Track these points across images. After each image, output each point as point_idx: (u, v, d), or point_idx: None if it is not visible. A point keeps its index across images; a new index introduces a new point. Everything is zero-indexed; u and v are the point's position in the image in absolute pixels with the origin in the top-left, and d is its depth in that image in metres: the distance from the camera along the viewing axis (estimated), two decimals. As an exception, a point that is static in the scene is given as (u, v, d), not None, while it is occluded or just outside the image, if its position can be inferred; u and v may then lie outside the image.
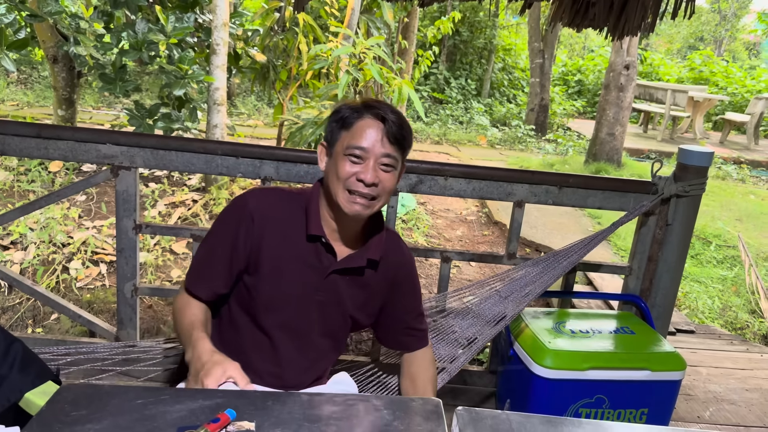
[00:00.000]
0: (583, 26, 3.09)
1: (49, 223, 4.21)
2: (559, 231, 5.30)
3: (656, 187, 2.23)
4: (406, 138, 1.43)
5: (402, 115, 1.44)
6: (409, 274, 1.64)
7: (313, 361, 1.58)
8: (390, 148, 1.40)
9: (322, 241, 1.47)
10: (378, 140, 1.38)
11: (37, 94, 9.22)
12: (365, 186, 1.38)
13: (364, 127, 1.39)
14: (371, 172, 1.37)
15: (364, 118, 1.40)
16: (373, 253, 1.51)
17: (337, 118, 1.44)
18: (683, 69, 15.56)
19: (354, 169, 1.38)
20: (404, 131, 1.42)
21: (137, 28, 4.21)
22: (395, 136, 1.40)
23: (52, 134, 2.12)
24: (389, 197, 1.47)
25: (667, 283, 2.33)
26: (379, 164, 1.39)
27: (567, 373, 1.97)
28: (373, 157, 1.38)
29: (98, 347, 2.11)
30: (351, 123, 1.41)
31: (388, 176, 1.41)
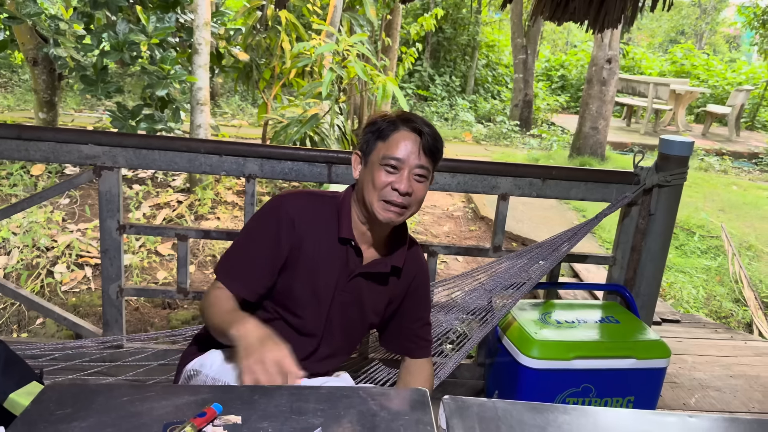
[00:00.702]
0: (564, 20, 3.12)
1: (32, 227, 4.17)
2: (545, 225, 5.33)
3: (638, 177, 2.25)
4: (440, 150, 1.50)
5: (435, 129, 1.50)
6: (423, 284, 1.71)
7: (326, 358, 1.61)
8: (425, 160, 1.46)
9: (352, 244, 1.52)
10: (414, 152, 1.44)
11: (18, 97, 9.12)
12: (399, 195, 1.43)
13: (401, 139, 1.45)
14: (406, 182, 1.43)
15: (400, 130, 1.46)
16: (398, 260, 1.58)
17: (373, 129, 1.50)
18: (665, 62, 15.69)
19: (389, 179, 1.44)
20: (438, 144, 1.48)
21: (118, 28, 4.17)
22: (430, 149, 1.46)
23: (32, 135, 2.10)
24: (419, 207, 1.52)
25: (651, 272, 2.35)
26: (414, 175, 1.45)
27: (553, 363, 1.99)
28: (408, 168, 1.44)
29: (84, 346, 2.10)
30: (388, 135, 1.47)
31: (421, 186, 1.47)
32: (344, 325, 1.59)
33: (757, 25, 12.37)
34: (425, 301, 1.73)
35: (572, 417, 1.11)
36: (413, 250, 1.66)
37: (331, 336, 1.59)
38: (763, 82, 13.07)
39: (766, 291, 4.76)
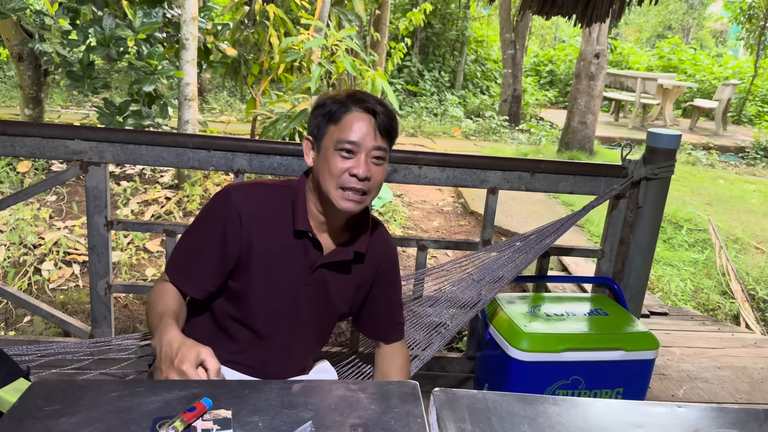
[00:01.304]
0: (552, 14, 3.12)
1: (19, 225, 4.13)
2: (533, 219, 5.35)
3: (626, 170, 2.26)
4: (395, 129, 1.42)
5: (390, 107, 1.42)
6: (392, 264, 1.63)
7: (299, 355, 1.58)
8: (381, 141, 1.38)
9: (309, 236, 1.45)
10: (370, 134, 1.36)
11: (3, 94, 9.03)
12: (358, 181, 1.35)
13: (354, 120, 1.36)
14: (364, 166, 1.35)
15: (352, 111, 1.37)
16: (360, 246, 1.50)
17: (323, 112, 1.40)
18: (652, 57, 15.77)
19: (346, 164, 1.36)
20: (394, 123, 1.41)
21: (104, 24, 4.14)
22: (386, 129, 1.38)
23: (18, 131, 2.08)
24: (379, 191, 1.44)
25: (639, 264, 2.37)
26: (371, 158, 1.37)
27: (543, 356, 2.00)
28: (365, 151, 1.36)
29: (72, 345, 2.08)
30: (339, 117, 1.37)
31: (379, 170, 1.40)
32: (313, 319, 1.53)
33: (744, 20, 12.46)
34: (396, 282, 1.66)
35: (562, 408, 1.12)
36: (378, 232, 1.58)
37: (300, 333, 1.53)
38: (749, 76, 13.17)
39: (753, 283, 4.81)
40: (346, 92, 1.42)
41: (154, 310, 1.35)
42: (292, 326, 1.51)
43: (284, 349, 1.53)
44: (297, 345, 1.55)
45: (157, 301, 1.38)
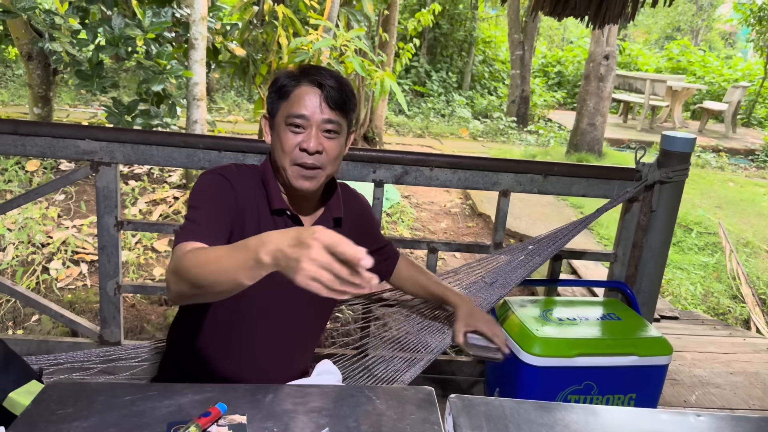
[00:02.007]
0: (565, 15, 3.10)
1: (27, 223, 4.14)
2: (543, 221, 5.33)
3: (640, 173, 2.24)
4: (348, 101, 1.39)
5: (342, 78, 1.40)
6: (369, 218, 1.69)
7: (298, 348, 1.57)
8: (330, 113, 1.36)
9: (288, 213, 1.44)
10: (317, 106, 1.35)
11: (12, 92, 9.05)
12: (309, 155, 1.35)
13: (302, 94, 1.36)
14: (314, 140, 1.34)
15: (301, 85, 1.36)
16: (336, 211, 1.52)
17: (275, 88, 1.40)
18: (661, 59, 15.70)
19: (297, 139, 1.35)
20: (345, 95, 1.38)
21: (114, 23, 4.14)
22: (335, 101, 1.36)
23: (29, 130, 2.07)
24: (337, 166, 1.43)
25: (652, 269, 2.34)
26: (322, 131, 1.36)
27: (555, 360, 1.98)
28: (315, 125, 1.35)
29: (81, 343, 2.08)
30: (289, 92, 1.37)
31: (333, 144, 1.38)
32: (309, 303, 1.44)
33: (753, 22, 12.38)
34: (375, 229, 1.73)
35: (580, 416, 1.10)
36: (346, 191, 1.60)
37: (298, 322, 1.51)
38: (759, 78, 13.08)
39: (764, 288, 4.77)
40: (299, 67, 1.41)
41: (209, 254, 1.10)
42: (288, 316, 1.48)
43: (283, 346, 1.51)
44: (295, 337, 1.53)
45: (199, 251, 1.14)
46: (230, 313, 1.45)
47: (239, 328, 1.47)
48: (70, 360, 1.91)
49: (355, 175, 2.19)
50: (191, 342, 1.50)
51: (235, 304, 1.42)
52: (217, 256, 1.05)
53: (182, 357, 1.52)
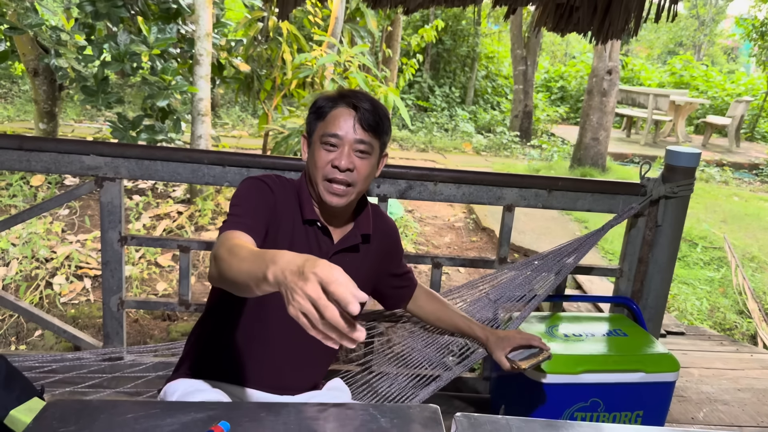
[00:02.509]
0: (567, 31, 3.10)
1: (31, 238, 4.14)
2: (547, 236, 5.31)
3: (645, 188, 2.23)
4: (381, 124, 1.46)
5: (377, 102, 1.48)
6: (396, 241, 1.73)
7: (314, 360, 1.58)
8: (363, 134, 1.43)
9: (318, 225, 1.50)
10: (351, 127, 1.43)
11: (18, 108, 9.11)
12: (340, 172, 1.41)
13: (337, 115, 1.44)
14: (346, 158, 1.41)
15: (337, 107, 1.45)
16: (365, 227, 1.57)
17: (314, 109, 1.49)
18: (664, 74, 15.74)
19: (329, 157, 1.43)
20: (378, 118, 1.45)
21: (119, 39, 4.17)
22: (368, 123, 1.43)
23: (34, 146, 2.08)
24: (367, 185, 1.50)
25: (658, 284, 2.32)
26: (354, 151, 1.43)
27: (561, 377, 1.96)
28: (348, 144, 1.43)
29: (84, 358, 2.06)
30: (326, 113, 1.46)
31: (364, 163, 1.44)
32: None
33: (756, 37, 12.41)
34: (400, 254, 1.77)
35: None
36: (376, 211, 1.67)
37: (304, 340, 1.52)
38: (762, 93, 13.10)
39: (770, 302, 4.74)
40: (338, 91, 1.50)
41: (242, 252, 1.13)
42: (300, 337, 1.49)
43: (299, 353, 1.52)
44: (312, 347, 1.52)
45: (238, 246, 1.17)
46: (252, 317, 1.49)
47: (260, 333, 1.50)
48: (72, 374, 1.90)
49: (359, 190, 2.18)
50: (211, 344, 1.54)
51: (258, 310, 1.48)
52: (243, 257, 1.10)
53: (200, 358, 1.55)
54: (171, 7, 4.79)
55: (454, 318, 1.87)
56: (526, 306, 2.09)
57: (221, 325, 1.52)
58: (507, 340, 1.75)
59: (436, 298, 1.90)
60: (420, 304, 1.87)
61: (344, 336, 0.88)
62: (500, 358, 1.73)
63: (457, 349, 2.19)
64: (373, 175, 1.52)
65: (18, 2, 3.84)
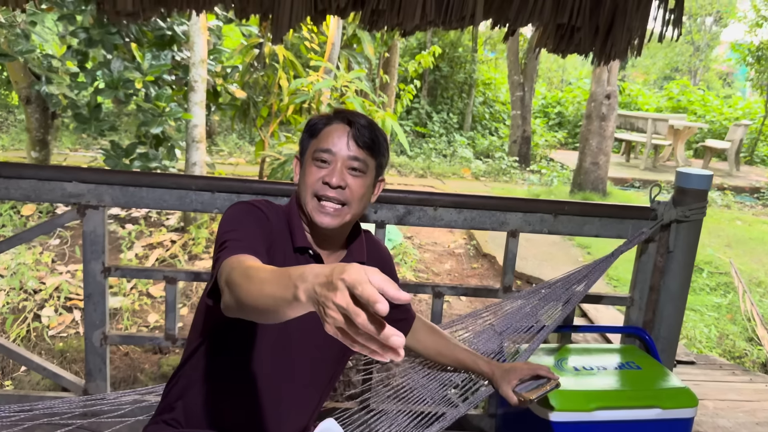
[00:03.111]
0: (569, 52, 3.02)
1: (19, 269, 4.02)
2: (549, 262, 5.20)
3: (655, 212, 2.13)
4: (377, 142, 1.38)
5: (373, 122, 1.41)
6: (391, 270, 1.63)
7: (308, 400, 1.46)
8: (357, 151, 1.36)
9: (310, 253, 1.41)
10: (344, 143, 1.35)
11: (12, 137, 9.06)
12: (331, 188, 1.33)
13: (331, 131, 1.37)
14: (338, 174, 1.33)
15: (331, 123, 1.39)
16: (359, 255, 1.48)
17: (307, 128, 1.43)
18: (661, 98, 15.78)
19: (320, 173, 1.35)
20: (374, 135, 1.38)
21: (113, 66, 4.11)
22: (363, 140, 1.36)
23: (12, 173, 1.97)
24: (362, 208, 1.40)
25: (671, 312, 2.21)
26: (347, 168, 1.36)
27: (573, 415, 1.83)
28: (340, 160, 1.35)
29: (61, 403, 1.93)
30: (319, 130, 1.39)
31: (357, 182, 1.36)
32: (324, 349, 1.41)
33: (752, 61, 12.46)
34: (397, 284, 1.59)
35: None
36: (370, 240, 1.57)
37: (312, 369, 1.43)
38: (760, 116, 13.11)
39: (781, 329, 4.60)
40: (333, 110, 1.44)
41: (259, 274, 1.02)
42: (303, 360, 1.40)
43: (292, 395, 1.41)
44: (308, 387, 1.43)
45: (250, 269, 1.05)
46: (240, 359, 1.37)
47: (244, 378, 1.37)
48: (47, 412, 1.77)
49: (356, 217, 2.08)
50: (193, 390, 1.41)
51: (247, 350, 1.36)
52: (263, 279, 0.98)
53: (181, 406, 1.42)
54: (165, 33, 4.75)
55: (457, 352, 1.75)
56: (535, 337, 1.97)
57: (205, 369, 1.40)
58: (513, 372, 1.64)
59: (436, 332, 1.78)
60: (419, 338, 1.75)
61: (385, 347, 0.76)
62: (507, 393, 1.62)
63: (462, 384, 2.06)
64: (368, 199, 1.43)
65: (9, 29, 3.78)
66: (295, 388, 1.41)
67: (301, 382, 1.43)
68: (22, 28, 3.83)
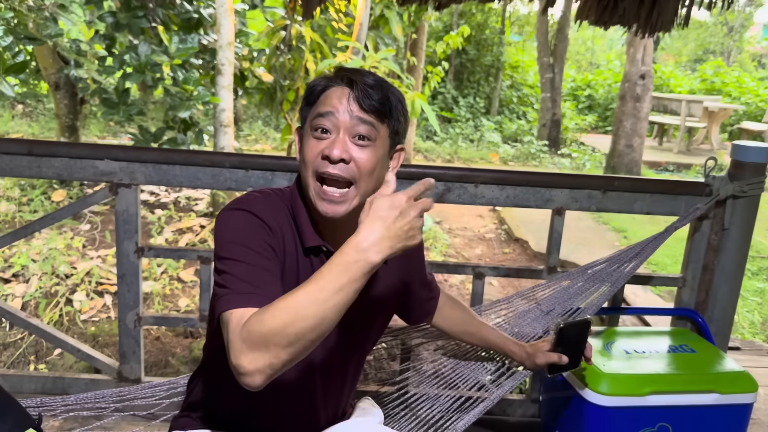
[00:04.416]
0: (611, 23, 2.90)
1: (51, 254, 4.03)
2: (584, 246, 5.07)
3: (710, 188, 2.01)
4: (387, 104, 1.14)
5: (384, 81, 1.17)
6: (419, 248, 1.48)
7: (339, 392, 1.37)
8: (362, 113, 1.12)
9: (323, 250, 1.20)
10: (345, 106, 1.12)
11: (42, 125, 9.14)
12: (332, 163, 1.10)
13: (330, 94, 1.14)
14: (339, 146, 1.10)
15: (330, 86, 1.16)
16: None
17: (306, 94, 1.20)
18: (694, 80, 15.37)
19: (320, 146, 1.12)
20: (383, 95, 1.13)
21: (140, 50, 4.07)
22: (369, 101, 1.12)
23: (45, 151, 1.93)
24: (373, 184, 1.15)
25: (726, 294, 2.09)
26: (350, 136, 1.12)
27: (625, 400, 1.74)
28: (343, 128, 1.11)
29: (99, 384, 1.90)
30: (318, 94, 1.16)
31: (365, 153, 1.12)
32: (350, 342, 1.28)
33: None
34: (423, 261, 1.51)
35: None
36: None
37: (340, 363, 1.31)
38: (797, 98, 12.70)
39: (827, 314, 4.44)
40: (335, 69, 1.22)
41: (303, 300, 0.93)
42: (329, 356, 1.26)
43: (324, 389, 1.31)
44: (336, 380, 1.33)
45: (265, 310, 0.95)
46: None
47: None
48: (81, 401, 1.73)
49: (393, 195, 2.00)
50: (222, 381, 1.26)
51: None
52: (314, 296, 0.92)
53: (209, 398, 1.33)
54: (192, 17, 4.70)
55: (485, 331, 1.64)
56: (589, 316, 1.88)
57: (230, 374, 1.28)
58: (544, 344, 1.58)
59: (460, 306, 1.65)
60: (445, 315, 1.62)
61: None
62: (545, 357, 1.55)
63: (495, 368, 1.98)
64: (383, 172, 1.16)
65: (38, 13, 3.75)
66: (328, 373, 1.31)
67: (335, 366, 1.32)
68: (51, 12, 3.81)
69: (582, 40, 20.50)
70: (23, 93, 9.89)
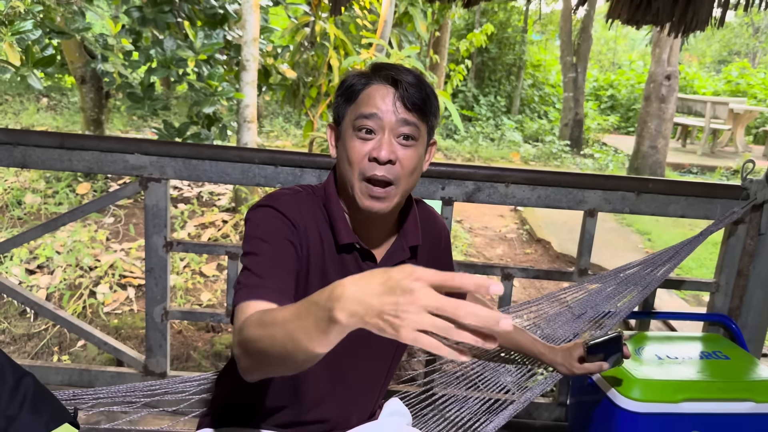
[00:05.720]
0: (644, 23, 2.85)
1: (75, 246, 4.06)
2: (607, 248, 5.01)
3: (747, 191, 1.97)
4: (428, 102, 1.14)
5: (420, 76, 1.16)
6: (447, 243, 1.43)
7: (368, 394, 1.35)
8: (407, 114, 1.11)
9: (357, 247, 1.21)
10: (391, 106, 1.11)
11: (66, 118, 9.23)
12: (379, 164, 1.10)
13: (373, 93, 1.12)
14: (386, 146, 1.10)
15: (372, 83, 1.14)
16: (413, 237, 1.27)
17: (342, 90, 1.18)
18: (719, 82, 15.14)
19: (366, 147, 1.12)
20: (425, 93, 1.13)
21: (165, 45, 4.09)
22: (413, 100, 1.11)
23: (76, 144, 1.94)
24: (413, 182, 1.17)
25: (761, 300, 2.05)
26: (396, 136, 1.12)
27: (658, 406, 1.70)
28: (388, 128, 1.11)
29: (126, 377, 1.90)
30: (358, 92, 1.14)
31: (409, 153, 1.13)
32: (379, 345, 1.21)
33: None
34: (451, 261, 1.46)
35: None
36: (425, 212, 1.35)
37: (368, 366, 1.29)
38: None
39: None
40: (371, 64, 1.19)
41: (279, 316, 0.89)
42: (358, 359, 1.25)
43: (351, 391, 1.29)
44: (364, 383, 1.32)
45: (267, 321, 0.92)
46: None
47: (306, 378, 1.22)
48: (111, 395, 1.73)
49: (422, 192, 1.98)
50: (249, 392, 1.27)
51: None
52: (282, 320, 0.85)
53: (239, 395, 1.31)
54: (218, 12, 4.71)
55: (512, 332, 1.56)
56: (612, 322, 1.85)
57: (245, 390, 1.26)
58: (575, 348, 1.53)
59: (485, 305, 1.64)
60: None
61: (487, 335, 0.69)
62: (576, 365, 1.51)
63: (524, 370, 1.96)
64: (420, 170, 1.19)
65: (66, 6, 3.78)
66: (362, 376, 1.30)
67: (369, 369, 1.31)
68: (78, 6, 3.83)
69: (604, 40, 20.30)
70: (48, 86, 9.99)
